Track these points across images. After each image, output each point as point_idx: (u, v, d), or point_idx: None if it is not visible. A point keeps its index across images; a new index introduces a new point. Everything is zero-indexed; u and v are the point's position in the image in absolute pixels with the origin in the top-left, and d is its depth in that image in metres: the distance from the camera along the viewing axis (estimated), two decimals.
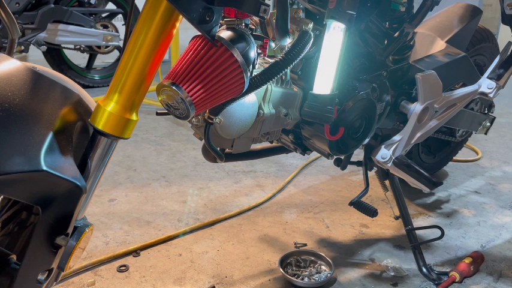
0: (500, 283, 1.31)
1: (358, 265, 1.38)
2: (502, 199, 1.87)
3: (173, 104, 0.55)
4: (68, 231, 0.61)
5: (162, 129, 2.70)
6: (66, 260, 0.63)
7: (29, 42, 3.16)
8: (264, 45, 0.95)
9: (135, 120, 0.60)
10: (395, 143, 1.31)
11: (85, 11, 3.47)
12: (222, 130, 1.02)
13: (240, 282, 1.29)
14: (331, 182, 2.00)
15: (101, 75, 3.77)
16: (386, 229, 1.60)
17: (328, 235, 1.55)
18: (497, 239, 1.56)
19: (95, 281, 1.27)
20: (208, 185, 1.93)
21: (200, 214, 1.67)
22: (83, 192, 0.58)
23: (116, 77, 0.58)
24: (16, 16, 3.03)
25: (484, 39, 1.81)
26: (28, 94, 0.56)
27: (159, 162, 2.17)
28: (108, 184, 1.89)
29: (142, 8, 0.56)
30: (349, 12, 0.97)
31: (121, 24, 3.87)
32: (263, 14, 0.55)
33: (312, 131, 1.17)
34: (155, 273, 1.31)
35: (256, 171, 2.08)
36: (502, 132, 2.75)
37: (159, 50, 0.57)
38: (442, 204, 1.82)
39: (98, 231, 1.51)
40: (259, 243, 1.48)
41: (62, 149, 0.57)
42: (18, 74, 0.57)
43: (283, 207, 1.75)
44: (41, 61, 3.57)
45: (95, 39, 3.43)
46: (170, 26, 0.56)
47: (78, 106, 0.63)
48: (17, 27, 0.80)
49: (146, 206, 1.72)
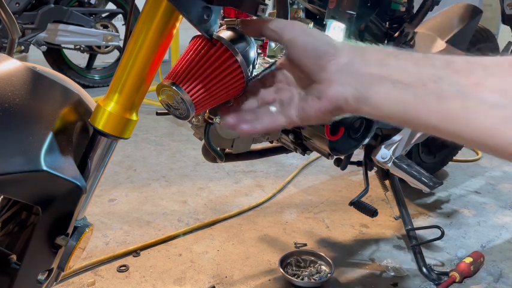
0: (501, 283, 1.31)
1: (358, 265, 1.38)
2: (502, 199, 1.87)
3: (173, 104, 0.55)
4: (68, 231, 0.61)
5: (162, 129, 2.70)
6: (66, 260, 0.63)
7: (29, 42, 3.15)
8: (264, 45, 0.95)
9: (135, 120, 0.60)
10: (395, 143, 1.31)
11: (85, 11, 3.47)
12: (222, 130, 1.02)
13: (240, 282, 1.29)
14: (331, 182, 2.00)
15: (101, 75, 3.77)
16: (386, 229, 1.60)
17: (328, 235, 1.55)
18: (497, 239, 1.56)
19: (95, 281, 1.26)
20: (208, 185, 1.93)
21: (200, 214, 1.67)
22: (83, 192, 0.58)
23: (116, 77, 0.58)
24: (16, 16, 3.03)
25: (484, 39, 1.81)
26: (28, 94, 0.56)
27: (159, 162, 2.17)
28: (108, 184, 1.88)
29: (142, 8, 0.56)
30: (349, 12, 0.97)
31: (121, 24, 3.87)
32: (261, 14, 0.55)
33: (312, 131, 1.17)
34: (155, 273, 1.31)
35: (256, 171, 2.08)
36: None
37: (159, 50, 0.57)
38: (442, 204, 1.81)
39: (98, 231, 1.51)
40: (259, 243, 1.48)
41: (62, 149, 0.57)
42: (18, 74, 0.57)
43: (283, 207, 1.75)
44: (41, 61, 3.56)
45: (95, 39, 3.43)
46: (170, 26, 0.56)
47: (78, 106, 0.63)
48: (17, 27, 0.80)
49: (146, 206, 1.72)
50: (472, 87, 0.41)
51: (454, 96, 0.42)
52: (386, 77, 0.45)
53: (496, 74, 0.41)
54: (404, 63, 0.46)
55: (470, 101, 0.41)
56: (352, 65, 0.47)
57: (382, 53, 0.47)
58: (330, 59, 0.48)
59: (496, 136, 0.40)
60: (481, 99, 0.40)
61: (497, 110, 0.39)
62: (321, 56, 0.48)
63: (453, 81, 0.42)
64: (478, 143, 0.42)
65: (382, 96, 0.45)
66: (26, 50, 3.19)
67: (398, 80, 0.45)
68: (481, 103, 0.40)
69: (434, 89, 0.43)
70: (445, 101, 0.42)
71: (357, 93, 0.47)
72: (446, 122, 0.42)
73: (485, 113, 0.40)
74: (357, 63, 0.47)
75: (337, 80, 0.48)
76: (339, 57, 0.48)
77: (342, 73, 0.47)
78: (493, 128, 0.40)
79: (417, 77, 0.44)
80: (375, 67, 0.46)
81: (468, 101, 0.41)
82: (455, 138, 0.44)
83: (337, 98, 0.48)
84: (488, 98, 0.40)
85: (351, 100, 0.47)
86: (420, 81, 0.44)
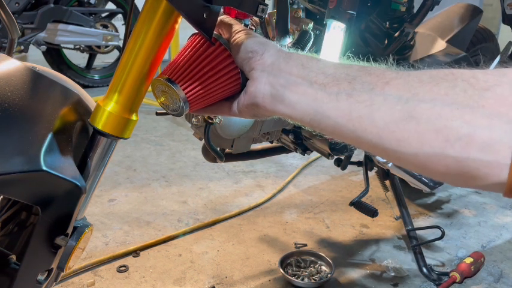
0: (501, 283, 1.31)
1: (359, 265, 1.38)
2: (502, 199, 1.87)
3: (168, 100, 0.55)
4: (68, 232, 0.61)
5: (162, 129, 2.69)
6: (66, 260, 0.63)
7: (28, 42, 3.15)
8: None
9: (135, 120, 0.59)
10: None
11: (85, 10, 3.47)
12: (222, 130, 1.02)
13: (240, 282, 1.28)
14: (332, 182, 2.00)
15: (100, 75, 3.77)
16: (386, 229, 1.60)
17: (328, 235, 1.55)
18: (497, 239, 1.56)
19: (95, 281, 1.26)
20: (208, 185, 1.92)
21: (200, 214, 1.67)
22: (82, 192, 0.58)
23: (115, 76, 0.57)
24: (16, 16, 3.03)
25: (485, 39, 1.80)
26: (28, 94, 0.56)
27: (159, 162, 2.17)
28: (108, 184, 1.88)
29: (142, 8, 0.56)
30: (349, 12, 0.96)
31: (121, 24, 3.87)
32: (261, 14, 0.55)
33: (312, 131, 1.17)
34: (155, 274, 1.31)
35: (256, 171, 2.08)
36: None
37: (159, 49, 0.56)
38: (443, 205, 1.81)
39: (98, 232, 1.51)
40: (259, 244, 1.48)
41: (61, 149, 0.57)
42: (18, 73, 0.57)
43: (283, 207, 1.75)
44: (41, 61, 3.56)
45: (95, 39, 3.43)
46: (170, 26, 0.56)
47: (77, 106, 0.63)
48: (17, 27, 0.80)
49: (146, 206, 1.72)
50: (381, 85, 0.43)
51: (363, 92, 0.44)
52: (304, 77, 0.48)
53: (407, 76, 0.43)
54: (324, 66, 0.48)
55: (377, 96, 0.43)
56: (275, 66, 0.50)
57: (306, 57, 0.50)
58: (257, 58, 0.51)
59: (394, 132, 0.41)
60: (387, 95, 0.42)
61: (401, 105, 0.41)
62: (250, 56, 0.52)
63: (365, 80, 0.44)
64: (378, 145, 0.43)
65: (298, 95, 0.48)
66: (26, 50, 3.18)
67: (315, 80, 0.47)
68: (386, 99, 0.42)
69: (346, 88, 0.45)
70: (354, 98, 0.44)
71: (274, 92, 0.50)
72: (353, 120, 0.44)
73: (390, 108, 0.42)
74: (281, 64, 0.50)
75: (259, 78, 0.51)
76: (265, 58, 0.51)
77: (265, 72, 0.51)
78: (393, 123, 0.41)
79: (333, 78, 0.46)
80: (296, 69, 0.49)
81: (376, 97, 0.43)
82: (359, 139, 0.45)
83: (256, 95, 0.51)
84: (394, 93, 0.42)
85: (268, 98, 0.50)
86: (335, 81, 0.46)
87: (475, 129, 0.37)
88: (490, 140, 0.36)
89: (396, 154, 0.42)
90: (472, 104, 0.37)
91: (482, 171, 0.37)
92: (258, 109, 0.53)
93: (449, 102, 0.38)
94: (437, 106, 0.39)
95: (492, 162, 0.37)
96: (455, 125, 0.38)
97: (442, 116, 0.38)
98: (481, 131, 0.37)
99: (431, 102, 0.39)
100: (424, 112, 0.39)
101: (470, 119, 0.37)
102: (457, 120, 0.38)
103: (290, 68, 0.49)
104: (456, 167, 0.39)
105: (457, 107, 0.38)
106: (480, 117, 0.37)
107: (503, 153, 0.36)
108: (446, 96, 0.39)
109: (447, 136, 0.38)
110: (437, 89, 0.40)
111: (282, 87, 0.49)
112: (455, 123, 0.38)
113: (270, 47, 0.52)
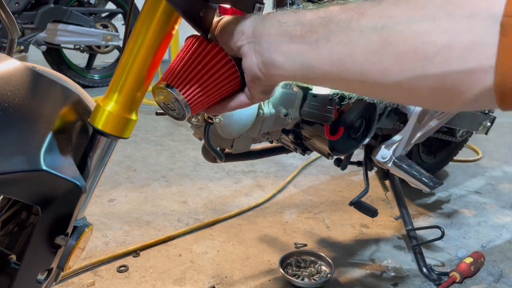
0: (501, 283, 1.31)
1: (359, 265, 1.38)
2: (502, 199, 1.87)
3: (169, 105, 0.55)
4: (68, 231, 0.61)
5: (162, 129, 2.69)
6: (66, 260, 0.63)
7: (28, 42, 3.15)
8: None
9: (134, 119, 0.59)
10: (395, 143, 1.31)
11: (85, 10, 3.47)
12: (221, 130, 1.02)
13: (240, 282, 1.28)
14: (331, 182, 2.00)
15: (100, 75, 3.77)
16: (386, 229, 1.60)
17: (328, 235, 1.55)
18: (497, 239, 1.56)
19: (95, 281, 1.26)
20: (208, 185, 1.93)
21: (200, 214, 1.67)
22: (82, 192, 0.58)
23: (115, 76, 0.57)
24: (16, 16, 3.03)
25: None
26: (28, 94, 0.56)
27: (159, 162, 2.17)
28: (108, 184, 1.88)
29: (141, 8, 0.56)
30: None
31: (121, 24, 3.87)
32: (257, 12, 0.55)
33: (312, 131, 1.17)
34: (155, 274, 1.31)
35: (256, 171, 2.08)
36: (502, 132, 2.74)
37: (159, 49, 0.56)
38: (443, 205, 1.81)
39: (98, 232, 1.51)
40: (259, 244, 1.48)
41: (61, 149, 0.57)
42: (18, 73, 0.57)
43: (283, 207, 1.75)
44: (41, 61, 3.56)
45: (95, 39, 3.43)
46: (170, 26, 0.56)
47: (77, 106, 0.63)
48: (17, 27, 0.80)
49: (146, 206, 1.72)
50: (356, 18, 0.41)
51: (340, 32, 0.41)
52: (283, 34, 0.46)
53: (382, 3, 0.40)
54: (302, 16, 0.46)
55: (353, 32, 0.40)
56: (256, 33, 0.49)
57: (281, 13, 0.48)
58: (239, 35, 0.50)
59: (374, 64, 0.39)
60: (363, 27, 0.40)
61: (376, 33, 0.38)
62: (234, 37, 0.51)
63: (340, 18, 0.42)
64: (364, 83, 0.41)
65: (283, 54, 0.47)
66: (26, 50, 3.19)
67: (294, 34, 0.45)
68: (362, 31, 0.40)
69: (323, 32, 0.43)
70: (332, 40, 0.42)
71: (263, 58, 0.48)
72: (336, 64, 0.42)
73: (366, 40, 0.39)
74: (259, 29, 0.49)
75: (248, 51, 0.50)
76: (245, 30, 0.50)
77: (251, 44, 0.50)
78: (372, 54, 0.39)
79: (310, 26, 0.44)
80: (274, 27, 0.47)
81: (352, 33, 0.40)
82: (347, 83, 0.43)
83: (252, 68, 0.50)
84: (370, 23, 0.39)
85: (262, 67, 0.49)
86: (312, 28, 0.44)
87: (453, 36, 0.34)
88: (471, 44, 0.33)
89: (382, 88, 0.40)
90: (450, 9, 0.35)
91: (466, 81, 0.34)
92: (260, 81, 0.51)
93: (426, 15, 0.36)
94: (414, 24, 0.36)
95: (475, 68, 0.33)
96: (432, 38, 0.35)
97: (418, 33, 0.36)
98: (460, 36, 0.34)
99: (407, 22, 0.37)
100: (400, 34, 0.37)
101: (448, 26, 0.34)
102: (434, 32, 0.35)
103: (268, 29, 0.48)
104: (440, 86, 0.36)
105: (434, 18, 0.35)
106: (459, 21, 0.34)
107: (486, 53, 0.33)
108: (422, 10, 0.36)
109: (425, 53, 0.35)
110: (413, 4, 0.37)
111: (267, 51, 0.48)
112: (432, 36, 0.35)
113: (246, 19, 0.51)
